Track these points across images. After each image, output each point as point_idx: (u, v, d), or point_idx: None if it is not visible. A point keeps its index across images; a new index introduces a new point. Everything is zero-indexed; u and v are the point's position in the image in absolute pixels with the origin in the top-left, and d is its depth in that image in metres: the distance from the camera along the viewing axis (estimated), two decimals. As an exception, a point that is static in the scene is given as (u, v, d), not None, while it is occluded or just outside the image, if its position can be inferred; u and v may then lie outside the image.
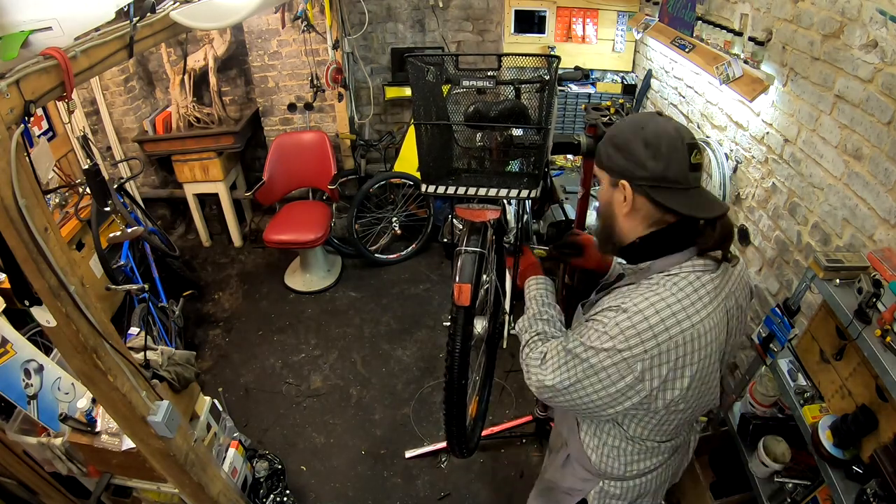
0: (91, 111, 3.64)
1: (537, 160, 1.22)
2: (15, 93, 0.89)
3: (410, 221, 3.80)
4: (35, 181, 0.99)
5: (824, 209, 1.63)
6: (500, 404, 2.73)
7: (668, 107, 2.80)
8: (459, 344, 1.19)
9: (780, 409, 1.63)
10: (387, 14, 3.70)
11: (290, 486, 2.33)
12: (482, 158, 1.29)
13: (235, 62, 3.82)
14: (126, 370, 1.26)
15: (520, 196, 1.21)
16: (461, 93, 1.29)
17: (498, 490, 2.36)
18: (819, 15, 1.58)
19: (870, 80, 1.41)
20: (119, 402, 1.28)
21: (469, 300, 1.16)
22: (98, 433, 1.70)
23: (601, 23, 3.17)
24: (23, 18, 0.93)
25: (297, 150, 3.67)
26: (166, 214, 4.20)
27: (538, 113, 1.21)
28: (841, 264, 1.29)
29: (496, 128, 1.21)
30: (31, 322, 2.10)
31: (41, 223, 0.97)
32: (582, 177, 1.69)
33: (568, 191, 2.88)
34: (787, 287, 1.83)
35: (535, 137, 1.24)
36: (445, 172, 1.28)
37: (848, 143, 1.51)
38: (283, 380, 2.94)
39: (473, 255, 1.21)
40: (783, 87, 1.79)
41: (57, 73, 0.97)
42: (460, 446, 1.42)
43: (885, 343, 1.11)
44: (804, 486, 1.48)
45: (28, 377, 1.62)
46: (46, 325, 1.10)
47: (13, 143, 0.89)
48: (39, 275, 1.00)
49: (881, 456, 1.12)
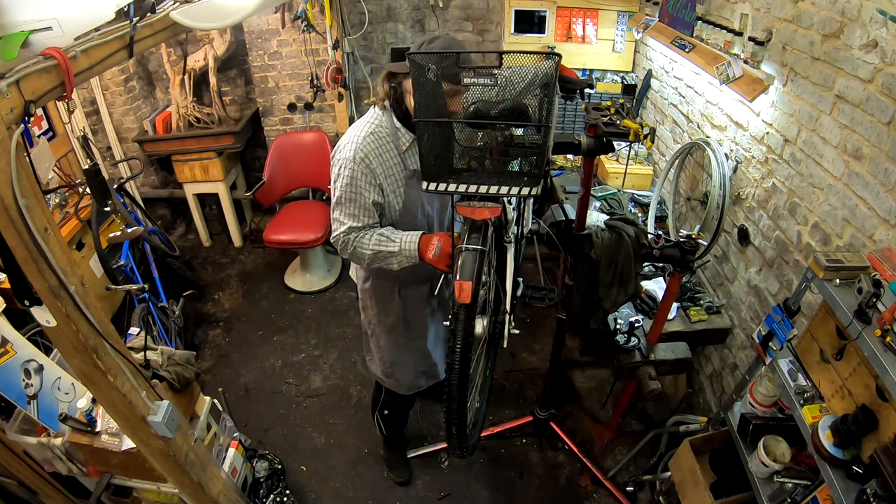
0: (91, 111, 3.64)
1: (538, 159, 1.22)
2: (15, 93, 0.89)
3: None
4: (35, 181, 0.98)
5: (824, 209, 1.63)
6: (500, 404, 2.73)
7: (669, 107, 2.80)
8: (461, 342, 1.19)
9: (780, 409, 1.63)
10: (387, 14, 3.70)
11: (290, 486, 2.33)
12: (483, 157, 1.29)
13: (235, 62, 3.82)
14: (126, 370, 1.26)
15: (521, 194, 1.21)
16: (462, 91, 1.28)
17: (498, 490, 2.36)
18: (819, 15, 1.58)
19: (870, 80, 1.41)
20: (119, 402, 1.28)
21: (470, 297, 1.16)
22: (98, 433, 1.70)
23: (601, 23, 3.17)
24: (23, 18, 0.92)
25: (297, 150, 3.67)
26: (166, 214, 4.20)
27: (539, 112, 1.21)
28: (841, 264, 1.29)
29: (497, 126, 1.21)
30: (31, 322, 2.10)
31: (41, 223, 0.97)
32: (582, 177, 1.69)
33: (568, 191, 2.88)
34: (787, 287, 1.83)
35: (536, 136, 1.24)
36: (446, 171, 1.28)
37: (848, 143, 1.51)
38: (284, 380, 2.94)
39: (474, 252, 1.21)
40: (783, 87, 1.79)
41: (57, 73, 0.97)
42: (461, 446, 1.41)
43: (885, 343, 1.11)
44: (804, 486, 1.48)
45: (28, 377, 1.62)
46: (46, 325, 1.10)
47: (13, 143, 0.89)
48: (39, 275, 1.00)
49: (881, 456, 1.12)
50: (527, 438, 2.55)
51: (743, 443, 1.65)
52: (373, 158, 1.55)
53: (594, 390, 2.80)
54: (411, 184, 1.62)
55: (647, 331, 1.91)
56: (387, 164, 1.58)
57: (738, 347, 2.15)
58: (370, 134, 1.56)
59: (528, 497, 2.34)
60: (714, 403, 2.36)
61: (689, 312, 2.17)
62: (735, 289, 2.18)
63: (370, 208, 1.59)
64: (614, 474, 2.34)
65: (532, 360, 2.99)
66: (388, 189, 1.60)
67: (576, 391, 2.79)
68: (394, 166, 1.60)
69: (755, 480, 1.56)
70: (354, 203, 1.58)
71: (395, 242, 1.58)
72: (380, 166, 1.57)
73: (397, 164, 1.60)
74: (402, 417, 2.40)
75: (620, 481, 2.32)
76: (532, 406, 2.60)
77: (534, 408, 2.53)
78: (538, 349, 3.05)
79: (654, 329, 1.86)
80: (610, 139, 1.52)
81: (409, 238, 1.57)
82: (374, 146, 1.56)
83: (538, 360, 2.99)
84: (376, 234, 1.60)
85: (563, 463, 2.46)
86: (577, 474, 2.40)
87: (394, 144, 1.59)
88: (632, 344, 1.88)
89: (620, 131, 1.49)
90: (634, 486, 2.28)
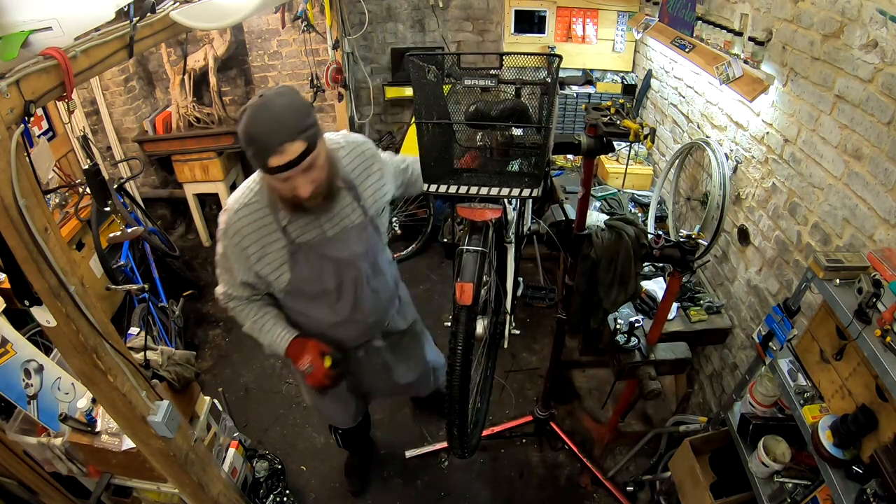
0: (91, 111, 3.64)
1: (538, 160, 1.22)
2: (15, 93, 0.89)
3: (410, 221, 3.80)
4: (35, 181, 0.98)
5: (824, 209, 1.63)
6: (500, 404, 2.72)
7: (669, 107, 2.80)
8: (461, 343, 1.19)
9: (780, 409, 1.63)
10: (387, 14, 3.70)
11: (290, 486, 2.33)
12: (483, 158, 1.29)
13: (235, 62, 3.82)
14: (126, 370, 1.26)
15: (521, 195, 1.21)
16: (462, 92, 1.29)
17: (498, 490, 2.36)
18: (819, 15, 1.58)
19: (870, 80, 1.41)
20: (119, 402, 1.28)
21: (471, 299, 1.16)
22: (98, 433, 1.70)
23: (601, 23, 3.17)
24: (23, 18, 0.92)
25: (296, 150, 3.66)
26: (166, 214, 4.20)
27: (539, 112, 1.21)
28: (841, 264, 1.29)
29: (497, 127, 1.21)
30: (31, 322, 2.10)
31: (41, 223, 0.97)
32: (582, 177, 1.69)
33: (568, 191, 2.88)
34: (787, 287, 1.83)
35: (536, 137, 1.24)
36: (446, 172, 1.28)
37: (848, 143, 1.51)
38: (283, 380, 2.94)
39: (475, 254, 1.21)
40: (783, 87, 1.79)
41: (57, 73, 0.97)
42: (461, 446, 1.41)
43: (885, 343, 1.11)
44: (804, 486, 1.48)
45: (28, 377, 1.62)
46: (46, 325, 1.10)
47: (13, 143, 0.89)
48: (39, 275, 1.00)
49: (881, 456, 1.12)
50: (527, 438, 2.55)
51: (743, 443, 1.65)
52: (246, 236, 1.38)
53: (594, 390, 2.80)
54: (300, 257, 1.42)
55: (647, 331, 1.91)
56: (264, 242, 1.39)
57: (738, 347, 2.15)
58: (245, 206, 1.37)
59: (528, 497, 2.34)
60: (714, 403, 2.36)
61: (689, 312, 2.17)
62: (735, 289, 2.18)
63: (242, 286, 1.48)
64: (614, 474, 2.34)
65: (532, 360, 2.99)
66: (266, 270, 1.43)
67: (576, 391, 2.79)
68: (272, 243, 1.40)
69: (755, 480, 1.57)
70: (229, 274, 1.47)
71: (265, 335, 1.54)
72: (254, 244, 1.39)
73: (277, 241, 1.40)
74: (358, 440, 2.28)
75: (620, 481, 2.32)
76: (532, 406, 2.60)
77: (534, 408, 2.53)
78: (538, 349, 3.05)
79: (654, 329, 1.86)
80: (610, 139, 1.52)
81: (279, 338, 1.52)
82: (248, 220, 1.37)
83: (538, 360, 2.99)
84: (251, 317, 1.53)
85: (563, 463, 2.46)
86: (577, 474, 2.40)
87: (273, 217, 1.38)
88: (632, 344, 1.88)
89: (620, 131, 1.49)
90: (634, 486, 2.27)
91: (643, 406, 2.65)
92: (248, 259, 1.40)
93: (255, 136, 1.18)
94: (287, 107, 1.19)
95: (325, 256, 1.44)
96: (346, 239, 1.45)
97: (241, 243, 1.38)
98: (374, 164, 1.51)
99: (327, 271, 1.47)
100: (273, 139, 1.16)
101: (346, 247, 1.46)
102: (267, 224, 1.38)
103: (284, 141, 1.17)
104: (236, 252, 1.40)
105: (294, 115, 1.19)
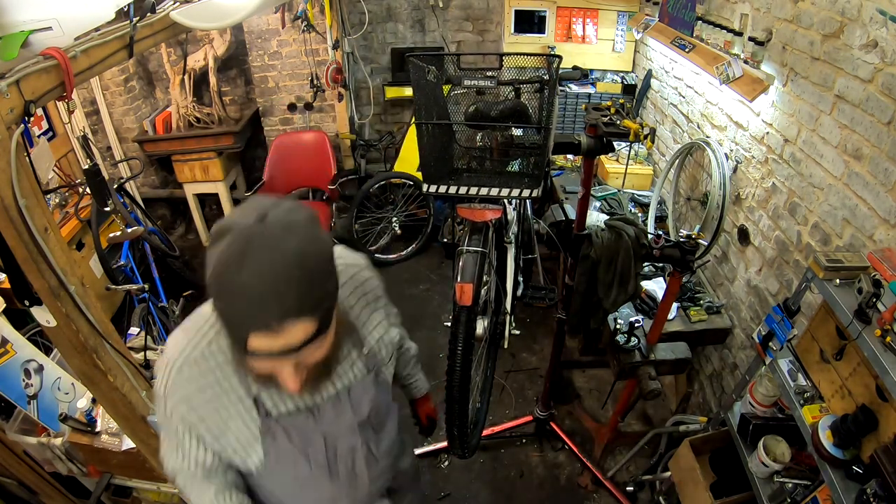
0: (91, 111, 3.64)
1: (538, 160, 1.22)
2: (15, 93, 0.89)
3: (410, 222, 3.80)
4: (35, 181, 0.99)
5: (824, 209, 1.63)
6: (500, 404, 2.72)
7: (669, 107, 2.80)
8: (462, 343, 1.19)
9: (780, 409, 1.63)
10: (387, 14, 3.70)
11: (290, 486, 2.33)
12: (483, 158, 1.29)
13: (235, 62, 3.82)
14: (126, 370, 1.26)
15: (521, 195, 1.22)
16: (462, 92, 1.29)
17: (498, 490, 2.36)
18: (819, 15, 1.58)
19: (870, 80, 1.41)
20: (119, 402, 1.28)
21: (471, 300, 1.16)
22: (98, 433, 1.70)
23: (601, 23, 3.17)
24: (23, 18, 0.92)
25: (296, 151, 3.67)
26: (166, 214, 4.20)
27: (539, 113, 1.21)
28: (841, 264, 1.29)
29: (497, 127, 1.21)
30: (31, 322, 2.10)
31: (41, 223, 0.97)
32: (582, 177, 1.69)
33: (568, 191, 2.88)
34: (787, 287, 1.83)
35: (536, 137, 1.24)
36: (446, 172, 1.28)
37: (848, 143, 1.51)
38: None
39: (475, 254, 1.21)
40: (783, 87, 1.79)
41: (57, 73, 0.97)
42: (461, 446, 1.41)
43: (885, 343, 1.11)
44: (804, 486, 1.48)
45: (28, 377, 1.62)
46: (46, 325, 1.10)
47: (13, 143, 0.89)
48: (39, 275, 1.00)
49: (881, 456, 1.12)
50: (527, 438, 2.55)
51: (743, 443, 1.65)
52: (196, 407, 0.86)
53: (594, 390, 2.80)
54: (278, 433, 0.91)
55: (647, 331, 1.91)
56: (224, 416, 0.88)
57: (738, 347, 2.15)
58: (194, 363, 0.86)
59: (528, 497, 2.34)
60: (714, 403, 2.36)
61: (689, 312, 2.17)
62: (735, 289, 2.18)
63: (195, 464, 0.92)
64: (614, 474, 2.34)
65: (532, 360, 2.99)
66: (227, 451, 0.91)
67: (576, 391, 2.79)
68: (236, 417, 0.89)
69: (755, 480, 1.56)
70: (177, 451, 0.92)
71: None
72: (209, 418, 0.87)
73: (243, 414, 0.89)
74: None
75: (620, 481, 2.32)
76: (532, 406, 2.60)
77: (534, 408, 2.53)
78: (538, 349, 3.05)
79: (654, 329, 1.86)
80: (610, 139, 1.52)
81: None
82: (199, 384, 0.86)
83: (538, 360, 2.99)
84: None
85: (563, 463, 2.46)
86: (577, 474, 2.40)
87: (238, 380, 0.87)
88: (632, 344, 1.88)
89: (620, 131, 1.49)
90: (634, 486, 2.27)
91: (643, 406, 2.65)
92: (198, 437, 0.89)
93: (236, 295, 0.67)
94: (298, 258, 0.68)
95: (314, 429, 0.97)
96: (343, 403, 0.99)
97: (186, 417, 0.87)
98: (381, 300, 1.05)
99: (316, 446, 0.97)
100: (266, 310, 0.67)
101: (343, 414, 0.99)
102: (228, 391, 0.87)
103: (286, 317, 0.69)
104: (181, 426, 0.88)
105: (308, 276, 0.69)
